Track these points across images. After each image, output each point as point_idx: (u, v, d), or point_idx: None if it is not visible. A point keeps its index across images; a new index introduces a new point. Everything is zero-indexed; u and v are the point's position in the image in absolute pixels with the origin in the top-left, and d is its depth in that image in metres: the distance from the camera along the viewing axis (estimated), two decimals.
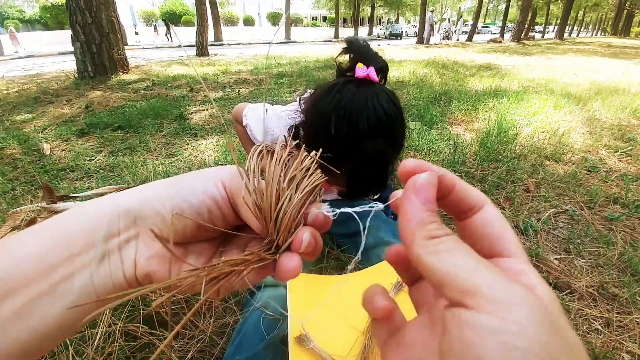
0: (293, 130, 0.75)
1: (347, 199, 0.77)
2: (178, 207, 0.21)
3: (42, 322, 0.17)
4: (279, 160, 0.21)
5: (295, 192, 0.20)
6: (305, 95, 0.85)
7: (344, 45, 0.66)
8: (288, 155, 0.22)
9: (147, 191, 0.21)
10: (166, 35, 17.45)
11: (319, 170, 0.23)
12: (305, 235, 0.21)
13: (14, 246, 0.18)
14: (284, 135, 0.83)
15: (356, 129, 0.58)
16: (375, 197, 1.06)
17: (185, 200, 0.21)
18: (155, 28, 21.01)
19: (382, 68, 0.63)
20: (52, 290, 0.18)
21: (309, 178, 0.21)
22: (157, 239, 0.20)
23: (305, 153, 0.24)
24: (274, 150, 0.22)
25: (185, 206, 0.21)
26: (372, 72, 0.60)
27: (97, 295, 0.19)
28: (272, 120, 0.85)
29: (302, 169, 0.21)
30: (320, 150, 0.26)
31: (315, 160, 0.23)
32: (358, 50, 0.64)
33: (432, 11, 17.43)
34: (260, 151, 0.22)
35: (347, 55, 0.66)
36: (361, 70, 0.60)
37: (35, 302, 0.17)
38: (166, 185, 0.22)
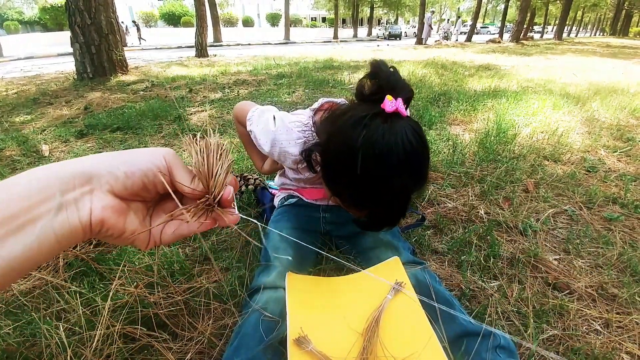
0: (307, 153, 0.71)
1: (365, 229, 0.74)
2: (130, 170, 0.28)
3: (9, 256, 0.22)
4: (208, 146, 0.31)
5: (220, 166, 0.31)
6: (315, 106, 0.83)
7: (370, 69, 0.61)
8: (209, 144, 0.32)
9: (98, 158, 0.27)
10: (139, 38, 16.76)
11: (230, 155, 0.32)
12: (230, 189, 0.31)
13: None
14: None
15: (384, 170, 0.55)
16: None
17: (135, 165, 0.28)
18: (126, 29, 19.87)
19: (410, 99, 0.59)
20: (17, 230, 0.22)
21: (225, 158, 0.32)
22: (111, 194, 0.27)
23: (222, 143, 0.33)
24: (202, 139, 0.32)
25: (136, 169, 0.28)
26: (401, 106, 0.55)
27: (56, 236, 0.24)
28: (280, 132, 0.80)
29: (219, 152, 0.32)
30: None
31: (225, 147, 0.33)
32: (387, 80, 0.58)
33: (432, 12, 17.46)
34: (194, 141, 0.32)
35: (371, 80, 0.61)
36: (391, 104, 0.55)
37: (3, 240, 0.22)
38: (117, 155, 0.28)
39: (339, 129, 0.59)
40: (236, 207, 0.33)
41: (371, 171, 0.55)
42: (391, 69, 0.60)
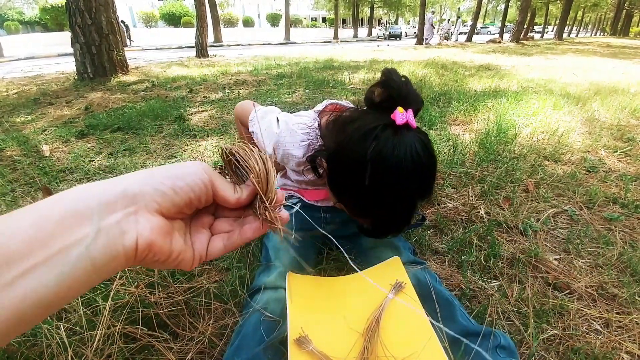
0: (312, 159, 0.71)
1: (369, 236, 0.75)
2: (178, 185, 0.26)
3: (36, 292, 0.19)
4: (259, 156, 0.31)
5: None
6: (319, 108, 0.83)
7: (381, 77, 0.60)
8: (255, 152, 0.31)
9: (140, 175, 0.25)
10: (127, 38, 16.66)
11: (271, 162, 0.31)
12: (283, 193, 0.32)
13: (5, 223, 0.20)
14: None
15: (392, 182, 0.55)
16: None
17: (181, 179, 0.26)
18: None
19: (419, 110, 0.59)
20: (47, 261, 0.19)
21: (272, 165, 0.31)
22: (159, 214, 0.25)
23: (266, 153, 0.32)
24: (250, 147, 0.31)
25: (183, 184, 0.26)
26: (411, 117, 0.55)
27: (93, 265, 0.21)
28: (284, 135, 0.79)
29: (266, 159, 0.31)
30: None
31: (267, 157, 0.31)
32: (398, 90, 0.57)
33: (432, 12, 17.49)
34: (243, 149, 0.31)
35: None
36: (401, 117, 0.55)
37: (30, 273, 0.19)
38: (158, 171, 0.26)
39: (349, 138, 0.58)
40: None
41: (379, 183, 0.55)
42: (403, 79, 0.59)
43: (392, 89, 0.58)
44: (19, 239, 0.19)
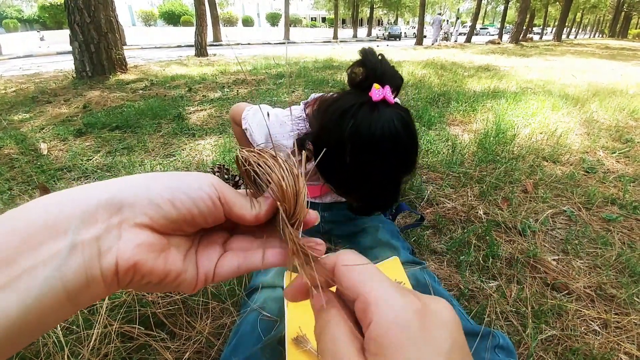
0: (300, 142, 0.72)
1: (359, 215, 0.77)
2: (178, 197, 0.21)
3: None
4: (284, 163, 0.25)
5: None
6: (308, 100, 0.84)
7: (359, 56, 0.62)
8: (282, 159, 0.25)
9: (132, 181, 0.21)
10: None
11: (302, 175, 0.25)
12: (316, 213, 0.26)
13: None
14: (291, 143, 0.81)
15: (372, 158, 0.56)
16: None
17: (182, 191, 0.22)
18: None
19: (398, 87, 0.60)
20: (8, 285, 0.16)
21: (302, 176, 0.25)
22: (148, 229, 0.20)
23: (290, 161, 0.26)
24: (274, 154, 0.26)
25: (184, 197, 0.22)
26: (388, 94, 0.57)
27: (66, 291, 0.17)
28: (274, 126, 0.82)
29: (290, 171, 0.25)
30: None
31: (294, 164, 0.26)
32: (374, 68, 0.59)
33: (439, 14, 17.60)
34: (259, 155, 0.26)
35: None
36: (377, 93, 0.56)
37: None
38: (156, 178, 0.22)
39: (329, 118, 0.60)
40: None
41: (360, 159, 0.57)
42: (379, 57, 0.61)
43: (368, 67, 0.59)
44: None
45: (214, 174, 1.32)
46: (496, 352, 0.60)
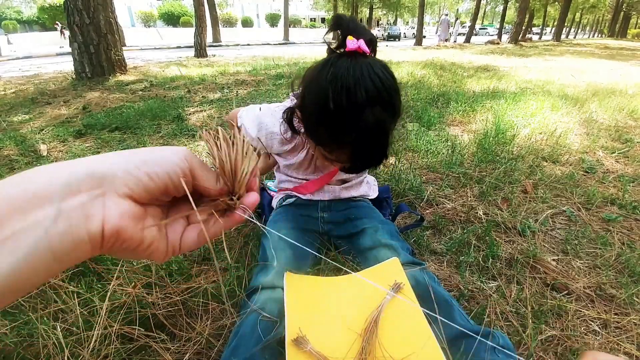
0: (287, 114, 0.76)
1: (350, 173, 0.78)
2: (154, 171, 0.24)
3: None
4: (232, 142, 0.28)
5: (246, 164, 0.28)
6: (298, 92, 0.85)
7: (331, 22, 0.67)
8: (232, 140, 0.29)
9: (113, 158, 0.24)
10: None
11: (255, 154, 0.29)
12: (257, 196, 0.29)
13: None
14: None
15: (355, 99, 0.58)
16: (373, 197, 1.06)
17: (159, 165, 0.24)
18: (62, 31, 17.82)
19: (372, 40, 0.64)
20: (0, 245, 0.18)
21: (251, 157, 0.29)
22: (129, 199, 0.23)
23: (246, 139, 0.29)
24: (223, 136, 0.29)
25: (160, 170, 0.24)
26: (362, 44, 0.61)
27: (52, 252, 0.19)
28: (266, 115, 0.86)
29: (245, 150, 0.28)
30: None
31: (250, 146, 0.29)
32: (347, 26, 0.64)
33: (446, 14, 17.68)
34: (215, 135, 0.29)
35: (336, 33, 0.66)
36: (352, 42, 0.60)
37: None
38: (135, 153, 0.24)
39: (310, 77, 0.64)
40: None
41: (343, 104, 0.58)
42: (350, 18, 0.65)
43: (342, 26, 0.64)
44: None
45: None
46: (496, 352, 0.60)
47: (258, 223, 0.34)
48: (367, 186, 1.05)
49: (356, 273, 0.81)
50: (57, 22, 20.39)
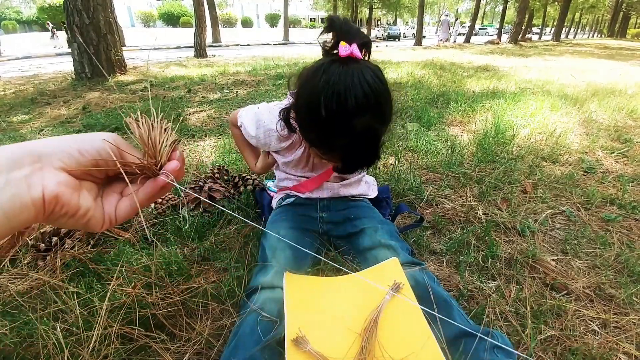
0: (284, 113, 0.78)
1: (342, 173, 0.79)
2: (84, 148, 0.29)
3: None
4: (152, 125, 0.34)
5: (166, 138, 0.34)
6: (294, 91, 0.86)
7: (325, 24, 0.68)
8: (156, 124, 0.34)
9: (48, 140, 0.28)
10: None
11: (174, 133, 0.35)
12: (176, 163, 0.34)
13: None
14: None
15: (345, 107, 0.60)
16: (372, 197, 1.06)
17: (88, 143, 0.29)
18: (53, 32, 17.12)
19: (365, 43, 0.65)
20: None
21: (169, 135, 0.35)
22: (64, 171, 0.27)
23: (166, 123, 0.35)
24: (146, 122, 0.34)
25: (89, 147, 0.29)
26: (355, 50, 0.61)
27: (4, 212, 0.24)
28: (263, 113, 0.88)
29: (163, 129, 0.34)
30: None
31: (169, 126, 0.35)
32: (339, 29, 0.64)
33: (447, 15, 17.71)
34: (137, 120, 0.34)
35: (330, 34, 0.67)
36: (344, 49, 0.61)
37: None
38: (67, 136, 0.29)
39: (304, 80, 0.66)
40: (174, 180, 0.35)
41: (334, 111, 0.60)
42: (344, 20, 0.66)
43: (335, 29, 0.64)
44: None
45: (214, 176, 1.32)
46: (495, 352, 0.60)
47: (250, 222, 0.36)
48: (367, 186, 1.05)
49: (356, 273, 0.81)
50: (48, 22, 19.99)
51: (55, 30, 16.65)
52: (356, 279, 0.79)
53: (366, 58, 0.66)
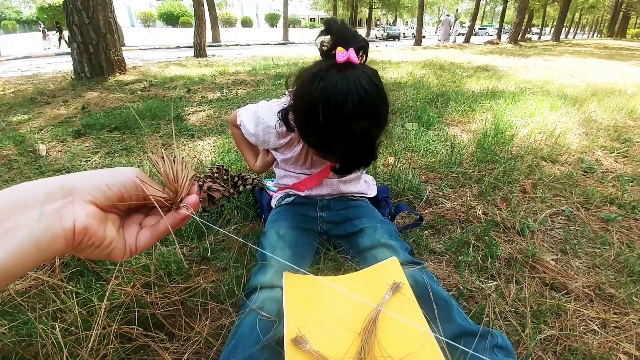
0: (283, 113, 0.79)
1: (339, 174, 0.80)
2: (111, 182, 0.31)
3: None
4: (174, 160, 0.37)
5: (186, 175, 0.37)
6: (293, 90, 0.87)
7: (322, 28, 0.68)
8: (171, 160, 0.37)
9: (79, 174, 0.30)
10: (60, 40, 14.27)
11: (191, 168, 0.37)
12: (196, 197, 0.37)
13: None
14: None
15: (342, 113, 0.61)
16: (371, 196, 1.06)
17: (115, 178, 0.31)
18: (44, 33, 16.23)
19: (362, 47, 0.65)
20: None
21: (189, 170, 0.37)
22: (93, 204, 0.29)
23: (185, 160, 0.37)
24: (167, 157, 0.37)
25: (116, 182, 0.31)
26: (352, 55, 0.62)
27: (37, 245, 0.25)
28: (262, 110, 0.90)
29: (183, 165, 0.37)
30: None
31: (188, 162, 0.38)
32: (336, 33, 0.65)
33: (447, 15, 17.75)
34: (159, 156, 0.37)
35: (328, 36, 0.68)
36: (341, 55, 0.62)
37: None
38: (96, 171, 0.32)
39: (302, 85, 0.67)
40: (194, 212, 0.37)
41: (331, 118, 0.61)
42: (341, 24, 0.66)
43: (332, 34, 0.65)
44: None
45: (213, 175, 1.32)
46: (495, 352, 0.60)
47: (226, 232, 0.37)
48: (366, 184, 1.05)
49: (355, 273, 0.81)
50: (40, 23, 19.61)
51: (46, 30, 16.51)
52: (356, 279, 0.78)
53: (363, 59, 0.67)
